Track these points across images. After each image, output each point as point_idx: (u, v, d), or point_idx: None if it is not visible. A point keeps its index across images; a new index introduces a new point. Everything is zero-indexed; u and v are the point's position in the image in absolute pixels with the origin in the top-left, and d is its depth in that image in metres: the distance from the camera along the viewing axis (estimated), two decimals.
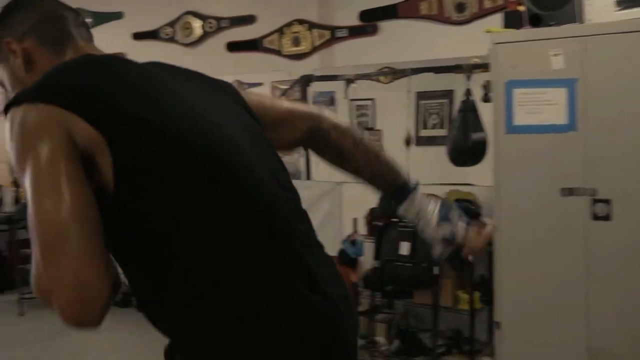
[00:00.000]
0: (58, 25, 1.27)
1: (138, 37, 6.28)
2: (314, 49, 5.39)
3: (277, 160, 1.32)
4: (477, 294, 3.68)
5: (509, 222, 3.19)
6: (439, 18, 4.78)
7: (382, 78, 4.97)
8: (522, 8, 3.26)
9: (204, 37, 5.97)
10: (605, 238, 2.98)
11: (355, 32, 5.19)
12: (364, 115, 5.20)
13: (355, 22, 5.17)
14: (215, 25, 5.89)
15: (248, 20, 5.69)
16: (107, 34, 6.40)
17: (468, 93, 3.88)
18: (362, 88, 4.91)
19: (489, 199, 3.53)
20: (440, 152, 4.06)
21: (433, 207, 1.47)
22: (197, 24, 6.00)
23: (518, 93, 3.16)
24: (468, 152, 3.84)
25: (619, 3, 3.07)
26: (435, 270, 3.61)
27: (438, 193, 3.83)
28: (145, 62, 1.29)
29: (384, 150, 1.54)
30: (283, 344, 1.14)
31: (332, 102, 5.32)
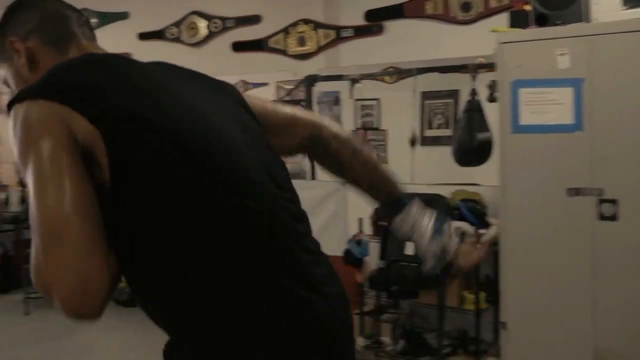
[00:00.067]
0: (61, 25, 1.28)
1: (144, 37, 6.30)
2: (320, 49, 5.40)
3: (276, 162, 1.31)
4: (482, 294, 3.67)
5: (515, 222, 3.18)
6: (445, 18, 4.77)
7: (387, 78, 4.97)
8: (528, 7, 3.25)
9: (210, 37, 5.98)
10: (612, 238, 2.97)
11: (361, 31, 5.18)
12: (369, 115, 5.20)
13: (361, 21, 5.17)
14: (221, 25, 5.90)
15: (253, 20, 5.70)
16: (112, 34, 6.42)
17: (473, 93, 3.87)
18: (367, 88, 4.90)
19: (495, 199, 3.52)
20: (446, 152, 4.05)
21: (428, 220, 1.47)
22: (202, 24, 6.01)
23: (524, 93, 3.15)
24: (473, 152, 3.83)
25: (626, 2, 3.06)
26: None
27: (444, 193, 3.84)
28: (148, 61, 1.29)
29: (382, 162, 1.56)
30: (284, 344, 1.15)
31: (337, 102, 5.32)
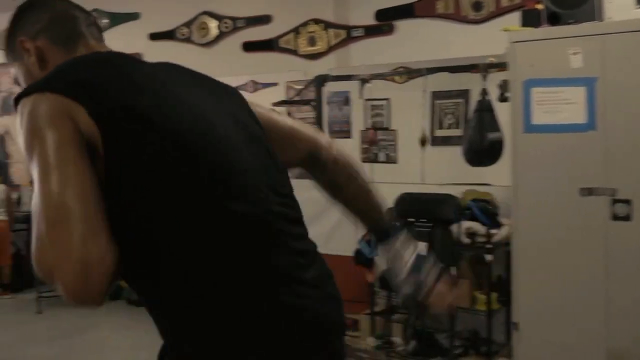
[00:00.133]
0: (69, 25, 1.31)
1: (154, 37, 6.33)
2: (330, 49, 5.39)
3: (275, 166, 1.32)
4: (494, 295, 3.65)
5: (527, 222, 3.16)
6: (456, 17, 4.76)
7: (397, 78, 4.96)
8: (540, 6, 3.23)
9: (220, 37, 5.99)
10: (625, 238, 2.94)
11: (371, 31, 5.18)
12: (379, 115, 5.19)
13: (371, 21, 5.16)
14: (231, 25, 5.91)
15: (264, 20, 5.71)
16: (124, 35, 6.46)
17: (484, 92, 3.85)
18: (377, 88, 4.89)
19: (507, 199, 3.50)
20: (456, 152, 4.04)
21: (409, 255, 1.49)
22: (213, 24, 6.03)
23: (536, 92, 3.13)
24: (484, 152, 3.81)
25: (639, 1, 3.03)
26: (453, 271, 3.58)
27: (454, 193, 3.82)
28: (154, 62, 1.31)
29: (376, 190, 1.57)
30: (285, 343, 1.17)
31: (347, 102, 5.32)
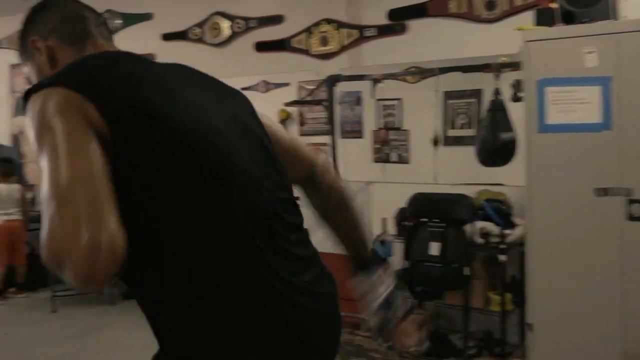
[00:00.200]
0: (79, 25, 1.34)
1: (167, 37, 6.35)
2: (342, 49, 5.39)
3: (277, 169, 1.34)
4: (508, 296, 3.64)
5: (542, 222, 3.14)
6: (469, 16, 4.73)
7: (409, 77, 4.95)
8: (554, 5, 3.21)
9: (233, 37, 6.00)
10: None
11: (384, 31, 5.17)
12: (391, 115, 5.18)
13: (384, 21, 5.15)
14: (244, 26, 5.92)
15: (276, 20, 5.71)
16: (136, 35, 6.49)
17: (497, 92, 3.83)
18: (389, 88, 4.88)
19: (521, 199, 3.49)
20: (469, 152, 4.02)
21: (383, 290, 1.52)
22: (225, 25, 6.04)
23: (550, 91, 3.11)
24: (497, 151, 3.80)
25: None
26: (466, 271, 3.57)
27: (467, 193, 3.81)
28: (162, 62, 1.33)
29: (365, 221, 1.59)
30: (286, 343, 1.19)
31: (358, 102, 5.31)
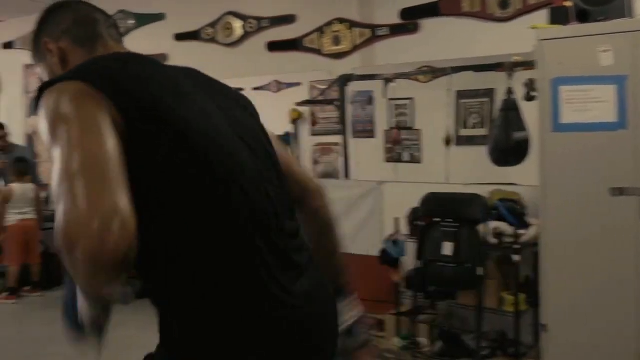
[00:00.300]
0: (90, 27, 1.36)
1: (180, 38, 6.37)
2: (355, 48, 5.38)
3: (275, 171, 1.35)
4: (522, 296, 3.61)
5: (556, 222, 3.13)
6: (482, 15, 4.71)
7: (421, 77, 4.94)
8: (568, 3, 3.19)
9: (245, 37, 6.01)
10: None
11: (396, 30, 5.16)
12: (403, 115, 5.17)
13: (396, 20, 5.14)
14: (256, 26, 5.93)
15: (288, 20, 5.72)
16: (149, 35, 6.52)
17: (510, 91, 3.81)
18: (401, 87, 4.87)
19: (535, 199, 3.47)
20: (481, 151, 4.01)
21: (348, 319, 1.53)
22: (237, 24, 6.05)
23: (565, 90, 3.09)
24: (510, 151, 3.77)
25: None
26: (480, 271, 3.55)
27: (480, 193, 3.79)
28: (170, 65, 1.35)
29: (342, 252, 1.60)
30: (287, 344, 1.20)
31: (370, 101, 5.30)
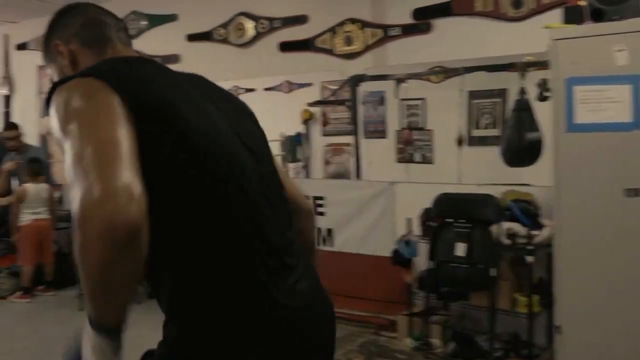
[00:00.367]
0: (99, 30, 1.39)
1: (192, 38, 6.39)
2: (367, 48, 5.37)
3: (276, 182, 1.37)
4: (535, 297, 3.59)
5: (570, 223, 3.10)
6: (495, 15, 4.69)
7: (433, 77, 4.92)
8: (583, 3, 3.17)
9: (257, 37, 6.02)
10: None
11: (409, 30, 5.14)
12: (415, 115, 5.16)
13: (408, 20, 5.12)
14: (268, 26, 5.94)
15: (300, 20, 5.72)
16: (162, 36, 6.55)
17: (522, 92, 3.80)
18: (413, 87, 4.86)
19: (548, 200, 3.45)
20: (493, 152, 3.99)
21: None
22: (249, 25, 6.06)
23: (579, 90, 3.07)
24: (523, 152, 3.76)
25: None
26: (493, 272, 3.53)
27: (492, 193, 3.77)
28: (176, 70, 1.37)
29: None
30: (288, 344, 1.21)
31: (382, 101, 5.29)
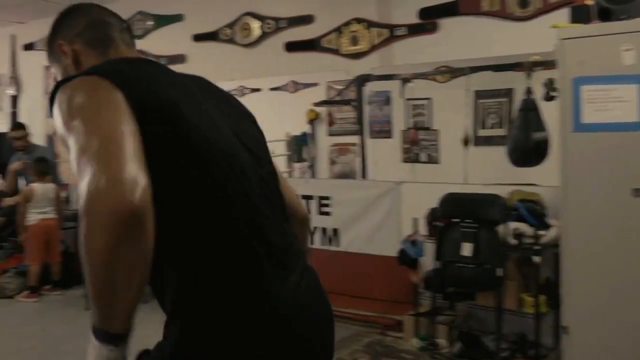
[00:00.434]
0: (103, 30, 1.40)
1: (198, 38, 6.40)
2: (373, 48, 5.37)
3: (275, 185, 1.38)
4: (542, 297, 3.58)
5: (577, 223, 3.09)
6: (501, 14, 4.68)
7: (439, 77, 4.92)
8: (590, 2, 3.16)
9: (263, 37, 6.03)
10: None
11: (415, 30, 5.14)
12: (421, 115, 5.15)
13: (415, 20, 5.12)
14: (274, 26, 5.94)
15: (306, 20, 5.72)
16: (168, 36, 6.56)
17: (529, 91, 3.79)
18: (418, 87, 4.86)
19: (555, 200, 3.44)
20: (499, 152, 3.98)
21: None
22: (255, 25, 6.07)
23: (586, 90, 3.06)
24: (530, 152, 3.75)
25: None
26: (499, 272, 3.52)
27: (499, 193, 3.76)
28: (178, 72, 1.38)
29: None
30: (291, 343, 1.22)
31: (388, 101, 5.28)
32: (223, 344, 1.17)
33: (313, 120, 5.74)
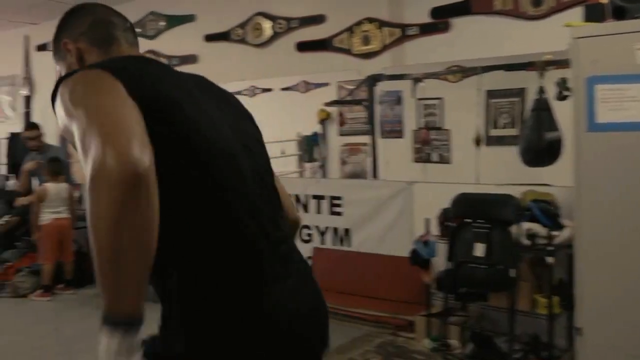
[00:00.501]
0: (106, 29, 1.43)
1: (210, 38, 6.42)
2: (384, 48, 5.36)
3: (274, 187, 1.39)
4: (555, 298, 3.55)
5: (591, 223, 3.06)
6: (514, 13, 4.66)
7: (450, 76, 4.90)
8: (604, 0, 3.13)
9: (274, 37, 6.04)
10: None
11: (426, 29, 5.12)
12: (432, 115, 5.14)
13: (426, 19, 5.10)
14: (285, 26, 5.95)
15: (318, 20, 5.72)
16: (180, 36, 6.58)
17: (541, 91, 3.76)
18: (430, 87, 4.84)
19: (568, 200, 3.41)
20: (511, 152, 3.96)
21: None
22: (267, 25, 6.08)
23: (600, 89, 3.03)
24: (543, 151, 3.73)
25: None
26: (512, 273, 3.50)
27: (512, 193, 3.74)
28: (181, 71, 1.39)
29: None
30: (291, 341, 1.23)
31: (399, 101, 5.27)
32: (223, 344, 1.17)
33: (324, 120, 5.74)
